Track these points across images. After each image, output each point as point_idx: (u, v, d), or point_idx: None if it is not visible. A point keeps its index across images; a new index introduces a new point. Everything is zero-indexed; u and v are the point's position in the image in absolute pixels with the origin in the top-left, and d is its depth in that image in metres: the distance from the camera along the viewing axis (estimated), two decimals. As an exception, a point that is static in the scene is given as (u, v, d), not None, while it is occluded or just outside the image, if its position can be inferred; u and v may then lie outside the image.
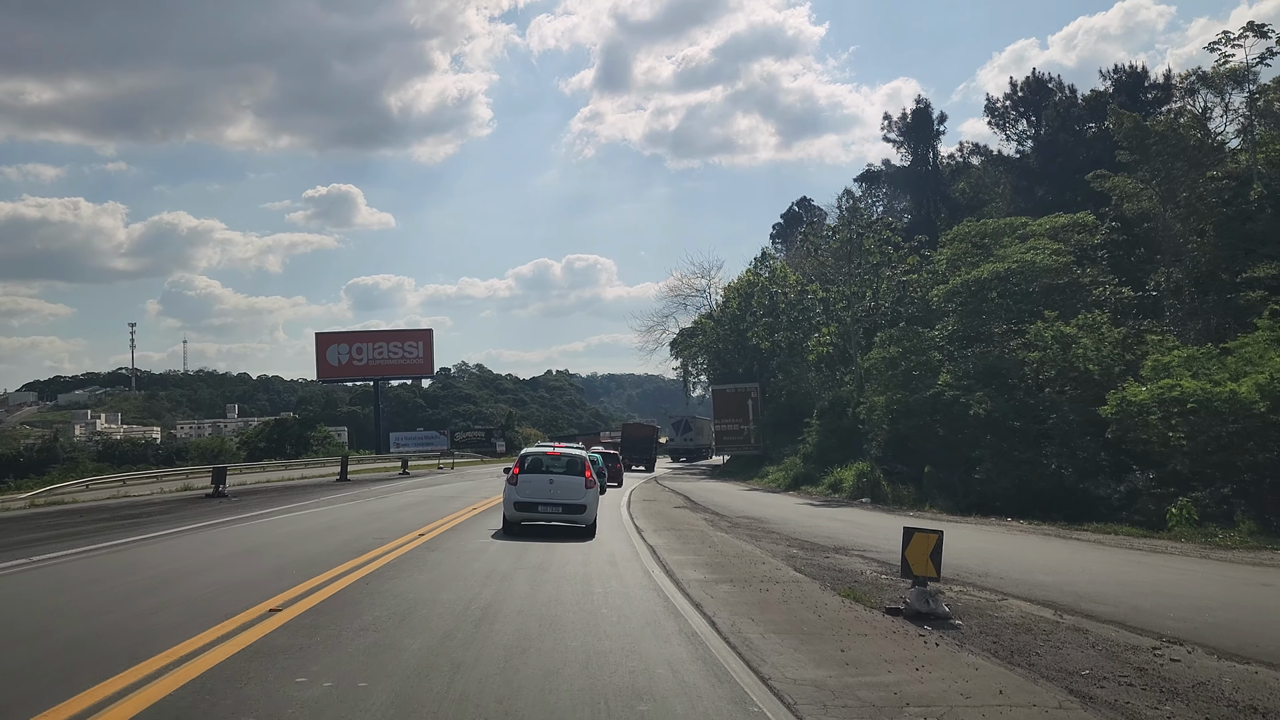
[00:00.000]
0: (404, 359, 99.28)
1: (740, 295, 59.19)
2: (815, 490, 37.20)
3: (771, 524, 23.51)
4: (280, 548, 15.82)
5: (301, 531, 18.80)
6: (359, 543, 16.15)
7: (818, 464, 40.47)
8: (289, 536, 17.85)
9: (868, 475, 34.00)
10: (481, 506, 26.16)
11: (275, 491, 34.02)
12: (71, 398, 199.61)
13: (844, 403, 42.03)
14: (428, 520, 21.31)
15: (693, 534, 20.40)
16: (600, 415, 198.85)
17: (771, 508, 29.78)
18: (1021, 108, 52.75)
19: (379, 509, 25.37)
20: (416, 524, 20.11)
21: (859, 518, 26.15)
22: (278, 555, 14.65)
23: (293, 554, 14.72)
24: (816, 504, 32.03)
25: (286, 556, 14.41)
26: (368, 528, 19.34)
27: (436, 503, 27.74)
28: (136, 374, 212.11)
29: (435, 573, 12.81)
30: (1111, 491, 27.70)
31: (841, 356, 49.11)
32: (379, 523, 20.60)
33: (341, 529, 19.10)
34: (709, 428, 76.78)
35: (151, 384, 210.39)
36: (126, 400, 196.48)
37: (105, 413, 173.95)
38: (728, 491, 40.06)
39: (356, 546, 15.54)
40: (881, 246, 39.49)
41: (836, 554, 16.92)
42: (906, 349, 34.69)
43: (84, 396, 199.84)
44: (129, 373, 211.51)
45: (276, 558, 14.31)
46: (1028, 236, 36.12)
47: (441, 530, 19.09)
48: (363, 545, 15.71)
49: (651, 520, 23.84)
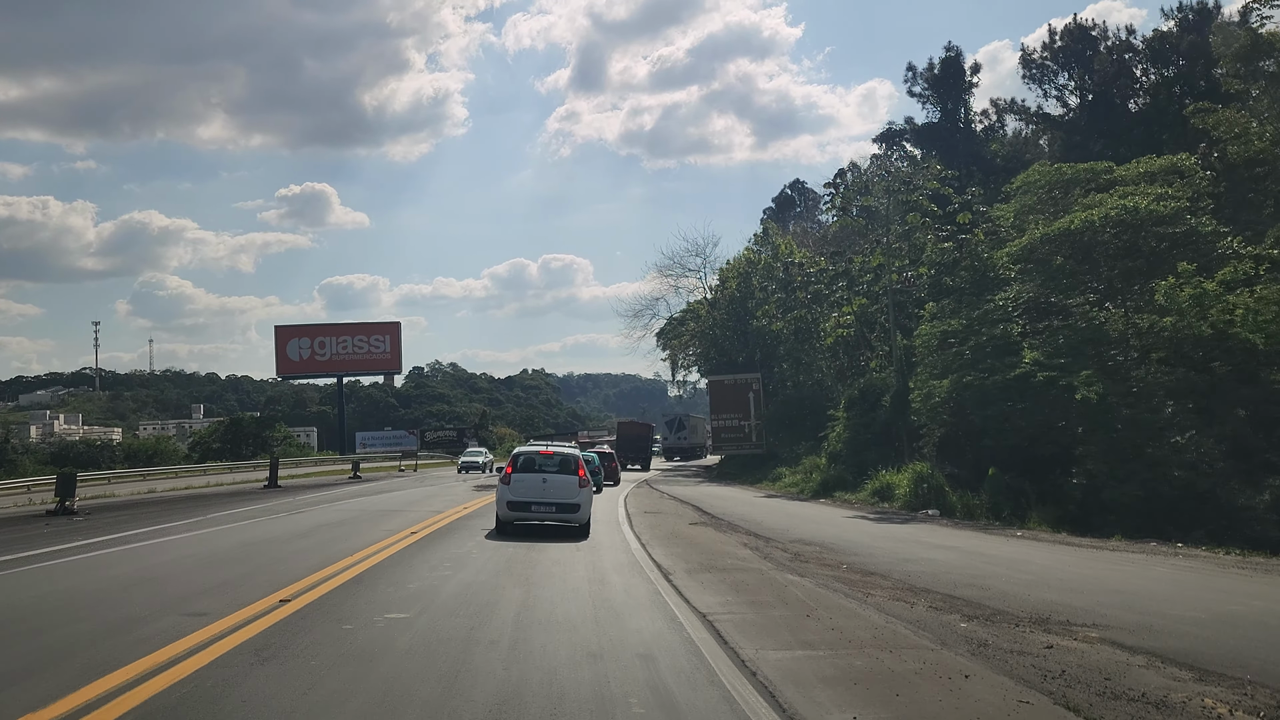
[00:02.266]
0: (370, 354, 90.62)
1: (739, 275, 51.27)
2: (854, 498, 29.31)
3: (850, 554, 15.63)
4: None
5: (59, 597, 10.68)
6: (141, 629, 8.10)
7: (849, 465, 32.62)
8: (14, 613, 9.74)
9: (928, 480, 26.20)
10: (431, 525, 18.14)
11: (163, 505, 25.75)
12: (34, 398, 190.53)
13: (878, 391, 34.24)
14: (333, 557, 13.26)
15: (747, 577, 12.54)
16: (577, 415, 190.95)
17: (822, 525, 21.86)
18: (1061, 58, 45.25)
19: (274, 533, 17.24)
20: (302, 569, 12.02)
21: (962, 541, 18.28)
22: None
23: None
24: (872, 518, 24.15)
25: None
26: (208, 580, 11.25)
27: (367, 521, 19.65)
28: (101, 374, 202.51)
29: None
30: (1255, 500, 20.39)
31: (861, 340, 41.40)
32: (241, 567, 12.47)
33: (153, 586, 10.98)
34: (703, 426, 71.44)
35: (117, 384, 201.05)
36: (90, 401, 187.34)
37: (67, 414, 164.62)
38: (741, 499, 32.14)
39: (126, 640, 7.48)
40: (927, 203, 31.64)
41: (1049, 632, 9.03)
42: (973, 321, 26.92)
43: (46, 397, 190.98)
44: (93, 373, 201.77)
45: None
46: (1110, 186, 28.53)
47: (339, 582, 11.02)
48: (140, 637, 7.66)
49: (670, 547, 15.96)
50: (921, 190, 31.61)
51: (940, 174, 30.84)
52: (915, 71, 52.60)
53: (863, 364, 38.90)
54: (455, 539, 16.35)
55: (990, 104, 50.53)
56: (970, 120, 50.83)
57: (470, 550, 14.67)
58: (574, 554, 14.62)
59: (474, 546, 15.17)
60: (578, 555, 14.51)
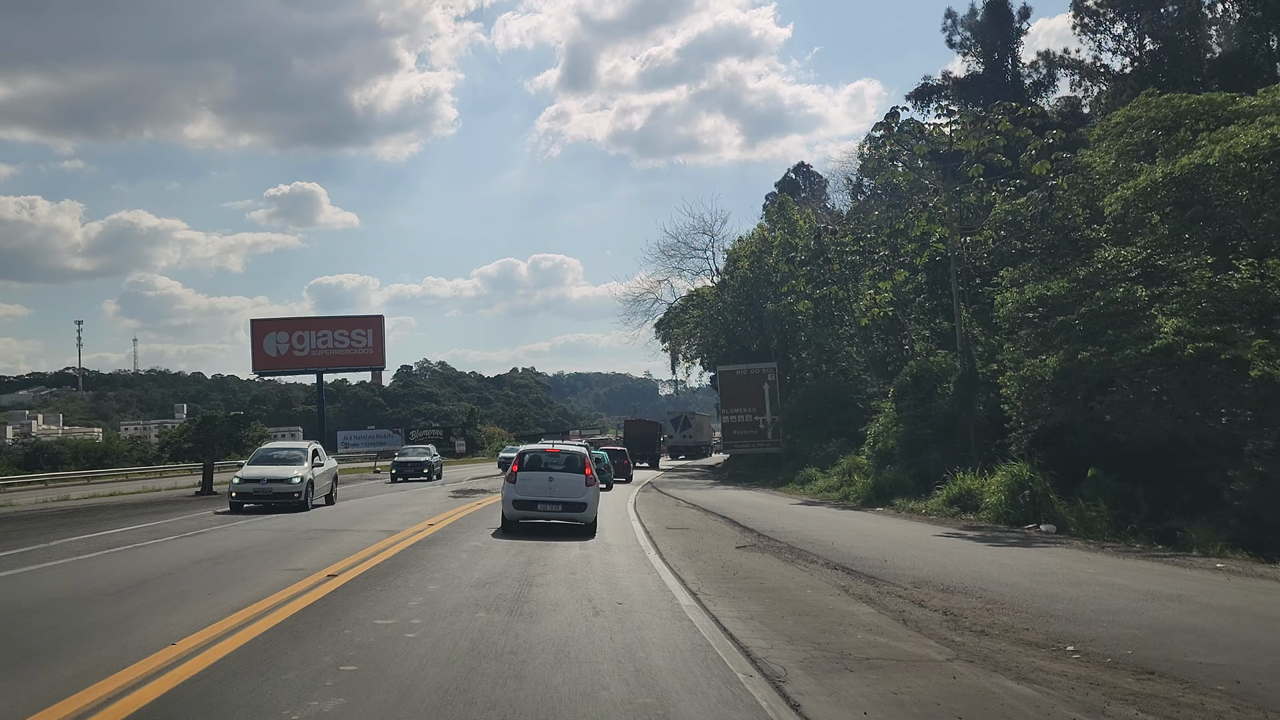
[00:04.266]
0: (351, 349, 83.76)
1: (753, 254, 44.92)
2: (923, 507, 23.01)
3: (1030, 612, 9.41)
4: None
5: None
6: None
7: (904, 466, 26.36)
8: None
9: (1029, 485, 19.99)
10: (367, 559, 11.77)
11: (44, 519, 19.35)
12: (15, 398, 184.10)
13: (934, 377, 28.04)
14: (110, 658, 6.90)
15: (934, 688, 6.20)
16: (567, 414, 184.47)
17: (920, 549, 15.56)
18: (1119, 4, 39.04)
19: (92, 582, 10.84)
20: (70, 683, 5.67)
21: (1162, 581, 11.97)
22: None
23: None
24: (972, 537, 17.85)
25: None
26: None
27: (277, 552, 13.31)
28: (84, 374, 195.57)
29: None
30: None
31: (893, 325, 35.20)
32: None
33: None
34: (708, 424, 67.20)
35: (100, 384, 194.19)
36: (73, 401, 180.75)
37: (50, 413, 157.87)
38: (776, 508, 25.91)
39: None
40: (997, 155, 25.36)
41: None
42: (1079, 284, 20.73)
43: (28, 397, 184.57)
44: (76, 372, 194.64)
45: None
46: (1233, 120, 22.53)
47: None
48: None
49: (740, 603, 9.76)
50: (990, 135, 25.37)
51: (1016, 112, 24.64)
52: (955, 19, 46.23)
53: (906, 349, 32.72)
54: (395, 593, 10.04)
55: (1039, 56, 44.33)
56: (1019, 72, 44.50)
57: (405, 630, 8.09)
58: (598, 640, 8.04)
59: (419, 617, 8.77)
60: (606, 642, 7.83)
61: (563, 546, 14.53)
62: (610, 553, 14.09)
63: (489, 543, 14.81)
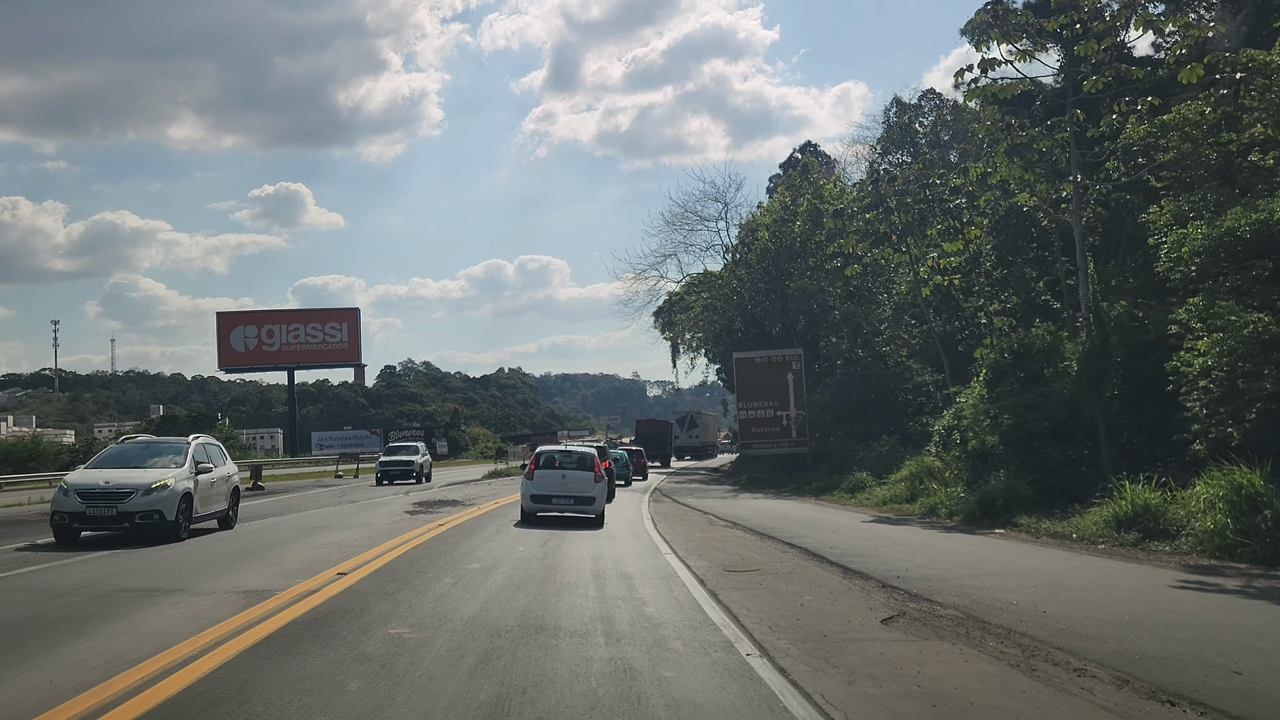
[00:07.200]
0: (325, 343, 76.45)
1: (774, 224, 37.80)
2: (1070, 530, 15.78)
3: None
4: None
5: None
6: None
7: (1013, 471, 19.12)
8: None
9: (1262, 502, 12.92)
10: None
11: None
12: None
13: (1044, 356, 21.03)
14: None
15: None
16: (555, 415, 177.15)
17: (1199, 629, 8.32)
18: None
19: None
20: None
21: None
22: None
23: None
24: (1232, 591, 10.77)
25: None
26: None
27: (67, 627, 6.07)
28: (61, 375, 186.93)
29: None
30: None
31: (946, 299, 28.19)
32: None
33: None
34: (714, 424, 62.21)
35: (77, 385, 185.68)
36: (49, 402, 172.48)
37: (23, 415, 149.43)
38: (848, 527, 18.81)
39: None
40: (1126, 66, 18.64)
41: None
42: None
43: (4, 398, 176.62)
44: (53, 373, 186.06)
45: None
46: None
47: None
48: None
49: None
50: (1117, 33, 18.64)
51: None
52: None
53: (982, 324, 25.72)
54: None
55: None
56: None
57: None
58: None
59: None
60: None
61: (569, 652, 7.46)
62: (664, 647, 7.02)
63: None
